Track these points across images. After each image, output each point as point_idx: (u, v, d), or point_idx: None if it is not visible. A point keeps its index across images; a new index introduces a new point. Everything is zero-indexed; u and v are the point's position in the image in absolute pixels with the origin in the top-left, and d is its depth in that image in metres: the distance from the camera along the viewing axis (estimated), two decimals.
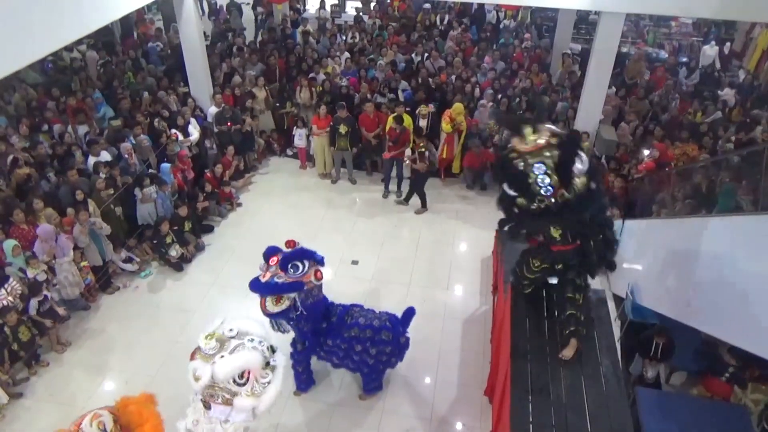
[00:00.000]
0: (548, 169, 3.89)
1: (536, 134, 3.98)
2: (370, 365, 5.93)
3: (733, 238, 5.05)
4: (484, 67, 11.60)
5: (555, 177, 3.90)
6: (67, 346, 7.03)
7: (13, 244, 6.66)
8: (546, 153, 3.93)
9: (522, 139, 4.03)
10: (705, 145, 8.97)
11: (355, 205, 9.96)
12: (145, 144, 8.90)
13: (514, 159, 4.03)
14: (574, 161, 3.97)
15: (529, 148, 3.96)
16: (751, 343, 4.66)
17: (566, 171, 3.94)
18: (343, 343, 5.81)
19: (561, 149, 3.93)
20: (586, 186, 4.04)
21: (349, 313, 5.94)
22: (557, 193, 3.97)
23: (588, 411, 4.48)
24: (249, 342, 3.87)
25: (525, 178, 3.98)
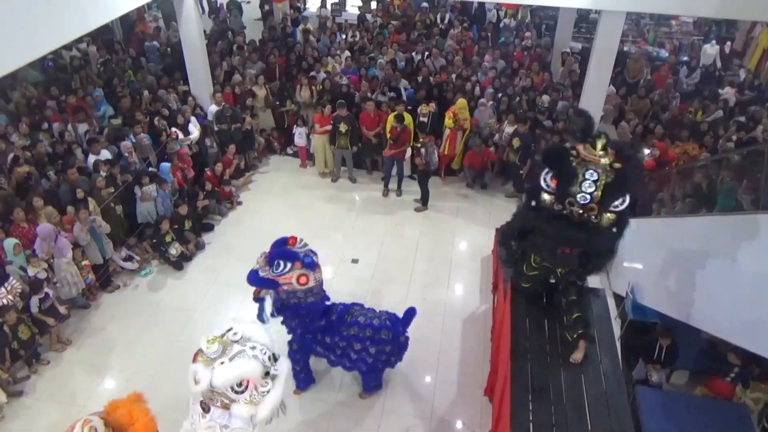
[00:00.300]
0: (599, 181, 3.90)
1: (604, 151, 3.97)
2: (368, 364, 5.91)
3: (734, 237, 5.04)
4: (485, 66, 11.59)
5: (599, 194, 3.89)
6: (67, 344, 7.04)
7: (14, 243, 6.67)
8: (602, 171, 3.92)
9: (589, 147, 4.02)
10: (706, 144, 8.96)
11: (355, 203, 9.96)
12: (145, 142, 8.90)
13: (571, 156, 4.00)
14: (622, 195, 3.96)
15: (590, 158, 3.97)
16: (751, 341, 4.66)
17: (610, 195, 3.95)
18: (342, 341, 5.79)
19: (619, 175, 3.92)
20: (610, 225, 4.07)
21: (350, 311, 5.92)
22: (588, 208, 3.96)
23: (588, 410, 4.48)
24: (251, 350, 3.81)
25: (574, 176, 3.97)
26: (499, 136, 9.94)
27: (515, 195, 9.99)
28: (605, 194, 3.94)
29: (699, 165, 7.59)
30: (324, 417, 6.19)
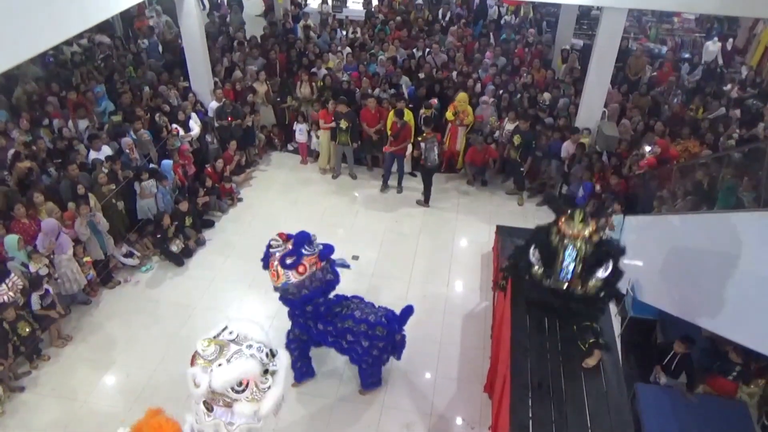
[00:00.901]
0: (578, 258, 4.10)
1: (583, 223, 4.11)
2: (359, 354, 5.96)
3: (735, 235, 5.04)
4: (485, 63, 11.57)
5: (579, 268, 4.11)
6: (68, 340, 7.05)
7: (17, 238, 6.67)
8: (581, 244, 4.11)
9: (569, 222, 4.14)
10: (707, 142, 8.94)
11: (356, 200, 9.96)
12: (146, 138, 8.90)
13: (552, 233, 4.21)
14: (602, 265, 4.10)
15: (572, 232, 4.10)
16: (751, 339, 4.66)
17: (591, 269, 4.16)
18: (334, 330, 5.88)
19: (597, 247, 4.09)
20: (597, 291, 4.26)
21: (345, 303, 5.97)
22: (572, 282, 4.21)
23: (588, 407, 4.49)
24: (247, 349, 3.80)
25: (555, 255, 4.18)
26: (499, 133, 9.94)
27: (516, 192, 9.99)
28: (586, 267, 4.11)
29: (700, 162, 7.58)
30: (324, 412, 6.20)
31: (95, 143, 8.45)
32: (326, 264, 5.73)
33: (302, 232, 5.76)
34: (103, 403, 6.31)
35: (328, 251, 5.75)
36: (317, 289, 5.65)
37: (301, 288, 5.61)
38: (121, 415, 6.07)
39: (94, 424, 6.01)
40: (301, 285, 5.59)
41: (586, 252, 4.11)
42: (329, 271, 5.76)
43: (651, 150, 8.60)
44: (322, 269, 5.68)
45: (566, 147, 9.25)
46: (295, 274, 5.57)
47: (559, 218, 4.28)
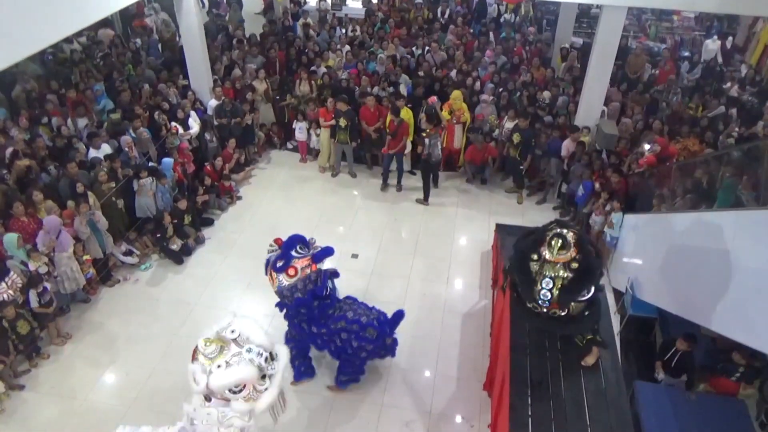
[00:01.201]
0: (554, 286, 4.18)
1: (563, 250, 4.18)
2: (348, 354, 6.00)
3: (734, 233, 5.05)
4: (485, 61, 11.56)
5: (556, 295, 4.18)
6: (67, 338, 7.05)
7: (16, 236, 6.67)
8: (561, 271, 4.19)
9: (549, 248, 4.18)
10: (706, 140, 8.94)
11: (356, 198, 9.96)
12: (145, 137, 8.89)
13: (532, 261, 4.27)
14: (581, 290, 4.13)
15: (550, 258, 4.15)
16: (751, 337, 4.67)
17: (569, 295, 4.21)
18: (327, 332, 5.92)
19: (576, 274, 4.15)
20: (581, 312, 4.32)
21: (338, 305, 6.00)
22: (551, 308, 4.29)
23: (587, 405, 4.50)
24: (247, 353, 3.83)
25: (532, 283, 4.25)
26: (499, 131, 9.93)
27: (515, 190, 9.99)
28: (564, 294, 4.21)
29: (699, 161, 7.58)
30: (324, 410, 6.21)
31: (95, 141, 8.45)
32: (320, 267, 5.74)
33: (293, 235, 5.78)
34: (103, 401, 6.32)
35: (326, 254, 5.76)
36: (310, 293, 5.67)
37: (294, 291, 5.64)
38: (121, 413, 6.09)
39: (94, 422, 6.01)
40: (294, 288, 5.62)
41: (565, 279, 4.15)
42: (321, 276, 5.78)
43: (650, 148, 8.60)
44: (317, 272, 5.70)
45: (566, 145, 9.25)
46: (285, 277, 5.59)
47: (540, 243, 4.31)
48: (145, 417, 6.01)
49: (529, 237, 4.44)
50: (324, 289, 5.84)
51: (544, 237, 4.27)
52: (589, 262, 4.18)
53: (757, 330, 4.54)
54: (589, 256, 4.17)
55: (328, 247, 5.83)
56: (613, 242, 7.81)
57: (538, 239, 4.31)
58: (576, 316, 4.31)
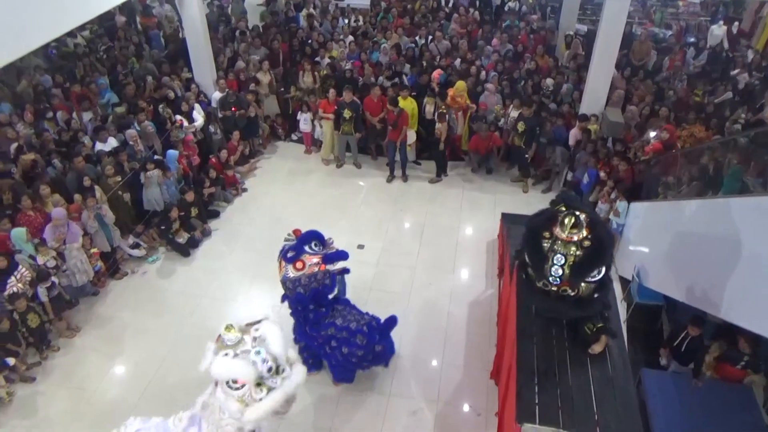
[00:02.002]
0: (566, 263, 4.14)
1: (575, 228, 4.13)
2: (338, 360, 6.02)
3: (741, 220, 5.03)
4: (488, 50, 11.50)
5: (567, 273, 4.13)
6: (77, 331, 7.11)
7: (24, 231, 6.72)
8: (573, 248, 4.13)
9: (561, 226, 4.15)
10: (712, 127, 8.88)
11: (361, 189, 9.96)
12: (150, 130, 8.91)
13: (544, 239, 4.23)
14: (592, 269, 4.11)
15: (562, 236, 4.10)
16: (758, 324, 4.67)
17: (580, 273, 4.16)
18: (319, 337, 5.95)
19: (587, 252, 4.09)
20: (590, 293, 4.26)
21: (332, 312, 6.00)
22: (561, 286, 4.24)
23: (594, 392, 4.50)
24: (255, 354, 3.76)
25: (543, 261, 4.20)
26: (504, 120, 9.90)
27: (520, 180, 9.98)
28: (575, 272, 4.16)
29: (705, 147, 7.55)
30: (332, 400, 6.25)
31: (101, 135, 8.48)
32: (331, 268, 5.77)
33: (312, 231, 5.81)
34: (113, 393, 6.38)
35: (338, 257, 5.79)
36: (312, 291, 5.69)
37: (297, 285, 5.67)
38: (132, 404, 6.15)
39: (105, 413, 6.07)
40: (297, 281, 5.64)
41: (576, 257, 4.14)
42: (329, 277, 5.79)
43: (657, 135, 8.56)
44: (324, 272, 5.71)
45: (573, 134, 9.22)
46: (292, 269, 5.62)
47: (553, 221, 4.28)
48: (156, 407, 6.06)
49: (542, 215, 4.42)
50: (332, 290, 5.88)
51: (556, 215, 4.25)
52: (602, 241, 4.16)
53: (765, 316, 4.54)
54: (601, 235, 4.15)
55: (343, 250, 5.87)
56: (619, 230, 7.80)
57: (551, 217, 4.29)
58: (585, 297, 4.28)
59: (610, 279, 4.50)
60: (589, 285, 4.20)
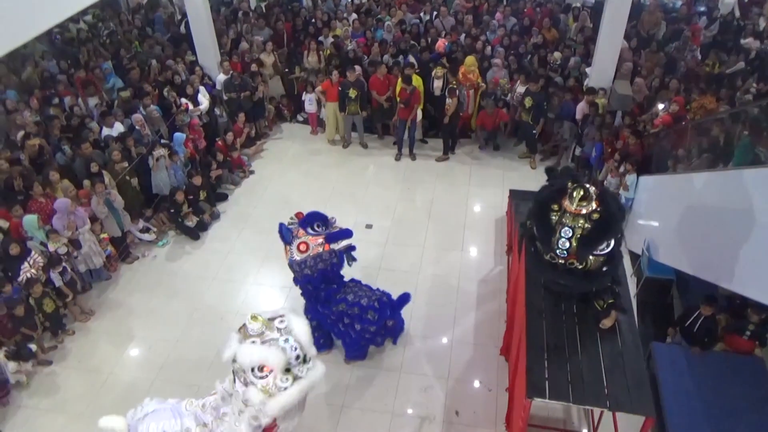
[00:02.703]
0: (573, 236, 4.09)
1: (584, 201, 4.08)
2: (352, 338, 6.09)
3: (752, 191, 4.98)
4: (494, 24, 11.34)
5: (574, 246, 4.08)
6: (90, 315, 7.21)
7: (36, 218, 6.78)
8: (581, 221, 4.08)
9: (570, 199, 4.10)
10: (722, 98, 8.73)
11: (368, 169, 9.94)
12: (155, 115, 8.90)
13: (553, 211, 4.20)
14: (600, 242, 4.07)
15: (571, 209, 4.07)
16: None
17: (587, 246, 4.12)
18: (331, 314, 6.00)
19: (595, 225, 4.03)
20: (599, 267, 4.22)
21: (343, 289, 6.07)
22: (569, 259, 4.20)
23: (604, 367, 4.52)
24: (283, 342, 3.82)
25: (551, 233, 4.15)
26: (511, 96, 9.80)
27: (528, 155, 9.91)
28: (582, 245, 4.11)
29: (715, 119, 7.44)
30: (344, 378, 6.32)
31: (108, 120, 8.49)
32: (335, 247, 5.77)
33: (314, 212, 5.80)
34: (127, 375, 6.48)
35: (342, 235, 5.79)
36: (321, 271, 5.72)
37: (303, 267, 5.70)
38: (147, 386, 6.26)
39: (120, 395, 6.18)
40: (304, 263, 5.67)
41: (584, 230, 4.09)
42: (336, 255, 5.81)
43: (665, 107, 8.44)
44: (329, 252, 5.72)
45: (581, 108, 9.11)
46: (297, 252, 5.64)
47: (562, 193, 4.23)
48: (170, 388, 6.17)
49: (551, 187, 4.38)
50: (341, 267, 5.92)
51: (565, 188, 4.22)
52: (611, 214, 4.12)
53: None
54: (610, 208, 4.11)
55: (347, 229, 5.87)
56: (628, 204, 7.75)
57: (560, 190, 4.25)
58: (593, 270, 4.25)
59: (619, 252, 4.46)
60: (598, 258, 4.18)
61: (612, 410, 4.32)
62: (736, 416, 5.29)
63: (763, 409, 5.36)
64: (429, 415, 5.96)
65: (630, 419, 4.46)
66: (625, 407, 4.27)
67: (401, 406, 6.05)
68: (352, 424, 5.89)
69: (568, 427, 5.81)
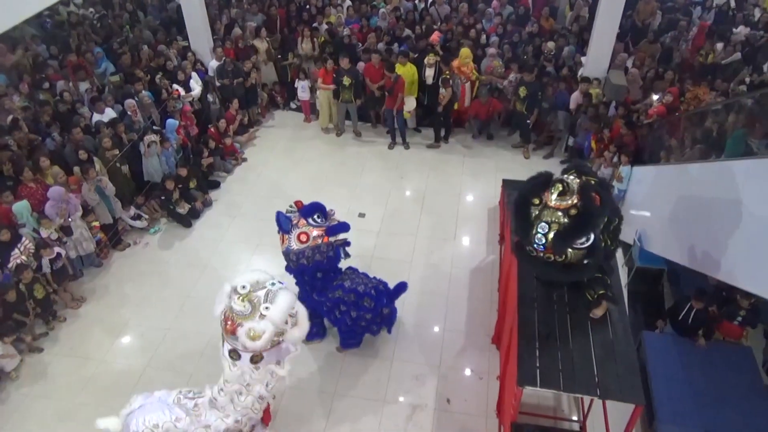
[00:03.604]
0: (549, 231, 4.04)
1: (563, 196, 4.06)
2: (348, 325, 6.08)
3: (743, 183, 5.00)
4: (489, 13, 11.27)
5: (550, 241, 4.04)
6: (82, 302, 7.18)
7: (27, 204, 6.72)
8: (559, 216, 4.04)
9: (551, 193, 4.11)
10: (717, 88, 8.74)
11: (361, 157, 9.90)
12: (147, 101, 8.81)
13: (533, 205, 4.17)
14: (577, 237, 4.06)
15: (551, 204, 4.03)
16: (760, 287, 4.68)
17: (563, 241, 4.05)
18: (328, 301, 5.99)
19: (572, 221, 4.00)
20: (580, 259, 4.17)
21: (340, 276, 6.07)
22: (546, 253, 4.14)
23: (595, 355, 4.54)
24: (271, 285, 4.07)
25: (529, 227, 4.14)
26: (506, 84, 9.75)
27: (521, 145, 9.89)
28: (557, 240, 4.06)
29: (708, 109, 7.44)
30: (336, 366, 6.34)
31: (99, 106, 8.39)
32: (333, 240, 5.75)
33: (314, 203, 5.78)
34: (119, 362, 6.47)
35: (341, 229, 5.78)
36: (316, 263, 5.71)
37: (301, 257, 5.68)
38: (137, 374, 6.25)
39: (112, 382, 6.18)
40: (301, 254, 5.65)
41: (561, 225, 4.10)
42: (333, 248, 5.80)
43: (660, 98, 8.44)
44: (328, 244, 5.71)
45: (575, 98, 9.09)
46: (296, 242, 5.62)
47: (545, 187, 4.22)
48: (162, 376, 6.18)
49: (536, 179, 4.36)
50: (339, 260, 5.92)
51: (548, 181, 4.20)
52: (589, 210, 4.10)
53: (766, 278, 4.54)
54: (590, 204, 4.09)
55: (345, 222, 5.85)
56: (621, 195, 7.77)
57: (544, 183, 4.24)
58: (575, 263, 4.25)
59: (618, 243, 4.45)
60: (578, 251, 4.15)
61: (602, 398, 4.35)
62: (723, 404, 5.35)
63: (750, 398, 5.43)
64: (421, 403, 5.99)
65: (620, 407, 4.50)
66: (615, 395, 4.29)
67: (393, 393, 6.08)
68: (344, 411, 5.92)
69: (558, 415, 5.86)
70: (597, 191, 4.03)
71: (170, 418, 4.52)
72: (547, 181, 4.19)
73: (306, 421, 5.80)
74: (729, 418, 5.23)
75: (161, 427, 4.50)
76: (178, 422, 4.53)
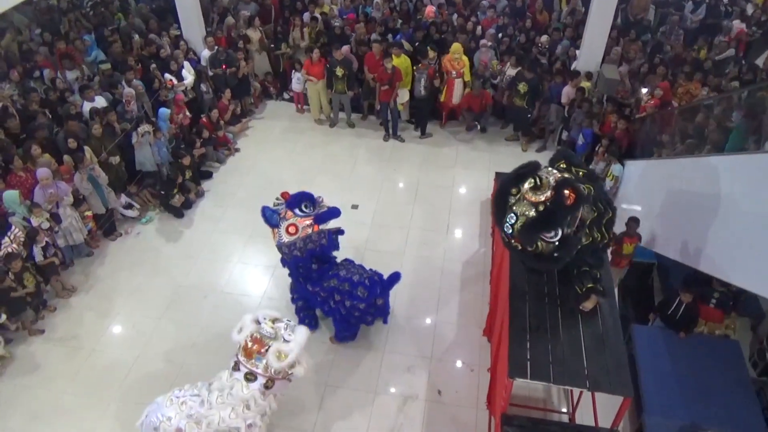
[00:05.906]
0: (517, 221, 4.10)
1: (535, 191, 4.07)
2: (342, 315, 6.10)
3: (734, 178, 5.04)
4: (483, 5, 11.25)
5: (516, 231, 4.09)
6: (72, 291, 7.14)
7: (17, 193, 6.66)
8: (529, 209, 4.07)
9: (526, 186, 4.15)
10: (709, 84, 8.78)
11: (354, 149, 9.88)
12: (140, 90, 8.73)
13: (511, 195, 4.21)
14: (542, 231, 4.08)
15: (527, 197, 4.07)
16: (750, 281, 4.73)
17: (527, 234, 4.08)
18: (322, 291, 6.00)
19: (537, 215, 4.02)
20: (551, 251, 4.19)
21: (336, 266, 6.09)
22: (515, 242, 4.20)
23: (585, 348, 4.59)
24: (288, 321, 4.74)
25: (501, 216, 4.22)
26: (500, 78, 9.75)
27: (515, 138, 9.91)
28: (522, 232, 4.09)
29: (701, 104, 7.49)
30: (328, 358, 6.36)
31: (87, 93, 8.30)
32: (324, 228, 5.74)
33: (301, 192, 5.74)
34: (110, 351, 6.45)
35: (330, 215, 5.75)
36: (309, 252, 5.70)
37: (293, 248, 5.66)
38: (129, 364, 6.24)
39: (103, 372, 6.17)
40: (293, 245, 5.63)
41: (528, 218, 4.11)
42: (325, 236, 5.78)
43: (649, 91, 8.47)
44: (318, 232, 5.69)
45: (566, 92, 9.11)
46: (286, 234, 5.60)
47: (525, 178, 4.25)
48: (153, 366, 6.18)
49: (519, 170, 4.39)
50: (333, 248, 5.93)
51: (530, 173, 4.24)
52: (556, 208, 4.15)
53: (757, 274, 4.59)
54: (560, 201, 4.13)
55: (334, 207, 5.82)
56: (612, 191, 7.80)
57: (525, 174, 4.27)
58: (545, 254, 4.31)
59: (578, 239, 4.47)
60: (548, 244, 4.20)
61: (591, 390, 4.40)
62: (710, 397, 5.43)
63: (737, 391, 5.50)
64: (412, 394, 6.02)
65: (608, 399, 4.55)
66: (604, 388, 4.34)
67: (385, 385, 6.11)
68: (336, 402, 5.94)
69: (548, 407, 5.92)
70: (574, 188, 4.02)
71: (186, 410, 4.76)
72: (530, 173, 4.21)
73: (298, 413, 5.82)
74: (716, 411, 5.31)
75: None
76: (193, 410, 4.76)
